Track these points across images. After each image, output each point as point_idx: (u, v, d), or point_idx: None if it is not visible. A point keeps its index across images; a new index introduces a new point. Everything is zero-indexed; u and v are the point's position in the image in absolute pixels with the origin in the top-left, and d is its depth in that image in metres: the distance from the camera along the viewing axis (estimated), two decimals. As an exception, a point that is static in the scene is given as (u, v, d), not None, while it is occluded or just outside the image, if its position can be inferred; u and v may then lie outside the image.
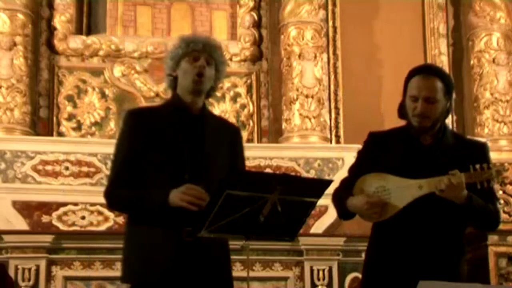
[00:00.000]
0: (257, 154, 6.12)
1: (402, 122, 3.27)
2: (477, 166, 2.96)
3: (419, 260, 3.05)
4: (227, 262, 3.11)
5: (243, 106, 6.82)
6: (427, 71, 3.16)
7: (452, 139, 3.18)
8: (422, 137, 3.15)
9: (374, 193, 3.09)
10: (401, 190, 3.04)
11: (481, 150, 3.17)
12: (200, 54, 3.05)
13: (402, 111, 3.20)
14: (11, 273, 5.26)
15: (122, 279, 3.07)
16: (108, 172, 3.65)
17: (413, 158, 3.11)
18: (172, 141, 2.97)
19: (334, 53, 6.84)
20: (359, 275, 5.60)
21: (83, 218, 5.69)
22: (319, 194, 2.94)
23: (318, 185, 2.98)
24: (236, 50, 6.85)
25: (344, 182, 3.27)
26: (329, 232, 5.86)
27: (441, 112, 3.13)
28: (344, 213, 3.22)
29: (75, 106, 6.59)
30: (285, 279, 5.70)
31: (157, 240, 2.93)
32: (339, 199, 3.22)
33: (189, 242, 2.90)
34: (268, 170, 5.91)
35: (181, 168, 2.96)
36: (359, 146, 3.38)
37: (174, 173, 2.94)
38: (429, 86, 3.09)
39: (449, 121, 6.83)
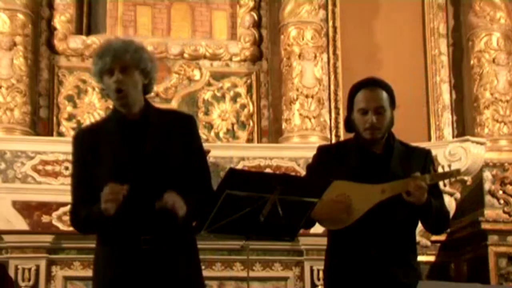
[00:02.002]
0: (257, 154, 6.12)
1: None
2: (439, 170, 3.04)
3: (376, 264, 3.08)
4: (192, 267, 2.99)
5: (243, 106, 6.82)
6: (372, 83, 3.22)
7: (400, 147, 3.25)
8: (374, 146, 3.20)
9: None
10: (363, 195, 3.07)
11: (427, 156, 3.25)
12: (113, 66, 2.94)
13: (349, 125, 3.26)
14: (11, 273, 5.26)
15: None
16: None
17: (367, 167, 3.15)
18: (113, 152, 2.92)
19: (334, 53, 6.85)
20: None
21: (83, 218, 5.68)
22: (319, 194, 2.94)
23: (318, 185, 2.98)
24: (236, 50, 6.85)
25: None
26: (329, 232, 5.86)
27: (389, 121, 3.19)
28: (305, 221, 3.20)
29: (75, 106, 6.60)
30: (285, 279, 5.70)
31: (116, 251, 2.90)
32: None
33: (148, 250, 2.85)
34: (268, 170, 5.91)
35: (123, 176, 2.86)
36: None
37: (117, 180, 2.84)
38: (376, 97, 3.16)
39: (449, 121, 6.89)
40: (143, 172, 2.88)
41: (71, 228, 5.78)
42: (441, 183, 5.19)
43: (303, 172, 6.05)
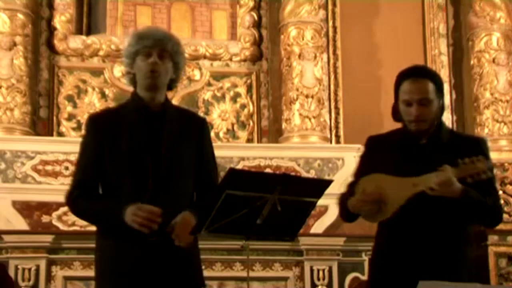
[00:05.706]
0: (257, 154, 6.12)
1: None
2: (466, 160, 2.94)
3: (422, 258, 3.04)
4: (196, 260, 3.06)
5: (243, 106, 6.82)
6: (417, 73, 3.15)
7: (448, 137, 3.17)
8: (420, 136, 3.14)
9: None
10: (397, 189, 3.03)
11: (476, 146, 3.13)
12: (152, 49, 2.99)
13: (396, 115, 3.21)
14: (11, 273, 5.27)
15: None
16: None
17: (410, 157, 3.10)
18: (132, 141, 2.94)
19: (334, 53, 6.85)
20: (359, 275, 5.60)
21: (83, 218, 5.68)
22: (319, 194, 2.95)
23: (318, 185, 2.98)
24: (236, 50, 6.85)
25: (348, 186, 3.27)
26: (329, 232, 5.86)
27: (436, 112, 3.12)
28: (347, 215, 3.22)
29: (75, 106, 6.59)
30: (285, 279, 5.70)
31: (123, 244, 2.91)
32: (342, 202, 3.23)
33: (155, 241, 2.88)
34: (268, 170, 5.91)
35: (142, 167, 2.91)
36: (359, 146, 3.40)
37: (135, 173, 2.91)
38: (420, 88, 3.08)
39: (449, 121, 6.88)
40: (158, 167, 2.91)
41: (71, 228, 5.84)
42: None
43: (303, 172, 6.07)
